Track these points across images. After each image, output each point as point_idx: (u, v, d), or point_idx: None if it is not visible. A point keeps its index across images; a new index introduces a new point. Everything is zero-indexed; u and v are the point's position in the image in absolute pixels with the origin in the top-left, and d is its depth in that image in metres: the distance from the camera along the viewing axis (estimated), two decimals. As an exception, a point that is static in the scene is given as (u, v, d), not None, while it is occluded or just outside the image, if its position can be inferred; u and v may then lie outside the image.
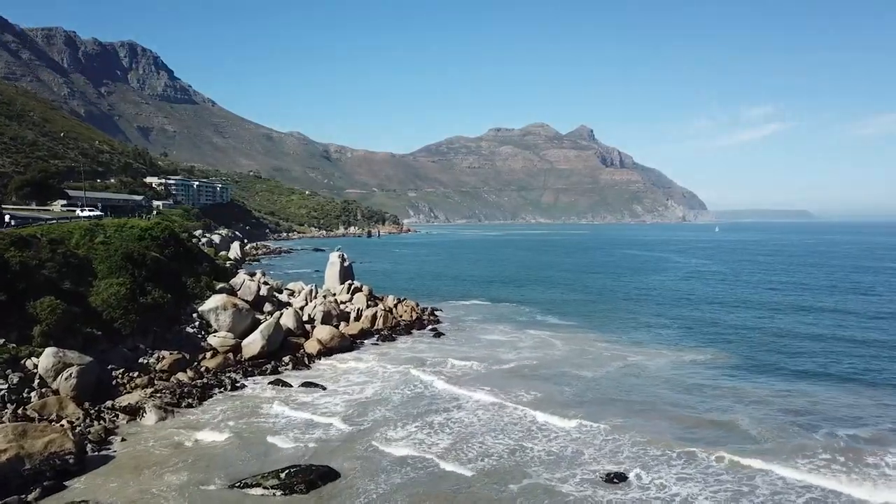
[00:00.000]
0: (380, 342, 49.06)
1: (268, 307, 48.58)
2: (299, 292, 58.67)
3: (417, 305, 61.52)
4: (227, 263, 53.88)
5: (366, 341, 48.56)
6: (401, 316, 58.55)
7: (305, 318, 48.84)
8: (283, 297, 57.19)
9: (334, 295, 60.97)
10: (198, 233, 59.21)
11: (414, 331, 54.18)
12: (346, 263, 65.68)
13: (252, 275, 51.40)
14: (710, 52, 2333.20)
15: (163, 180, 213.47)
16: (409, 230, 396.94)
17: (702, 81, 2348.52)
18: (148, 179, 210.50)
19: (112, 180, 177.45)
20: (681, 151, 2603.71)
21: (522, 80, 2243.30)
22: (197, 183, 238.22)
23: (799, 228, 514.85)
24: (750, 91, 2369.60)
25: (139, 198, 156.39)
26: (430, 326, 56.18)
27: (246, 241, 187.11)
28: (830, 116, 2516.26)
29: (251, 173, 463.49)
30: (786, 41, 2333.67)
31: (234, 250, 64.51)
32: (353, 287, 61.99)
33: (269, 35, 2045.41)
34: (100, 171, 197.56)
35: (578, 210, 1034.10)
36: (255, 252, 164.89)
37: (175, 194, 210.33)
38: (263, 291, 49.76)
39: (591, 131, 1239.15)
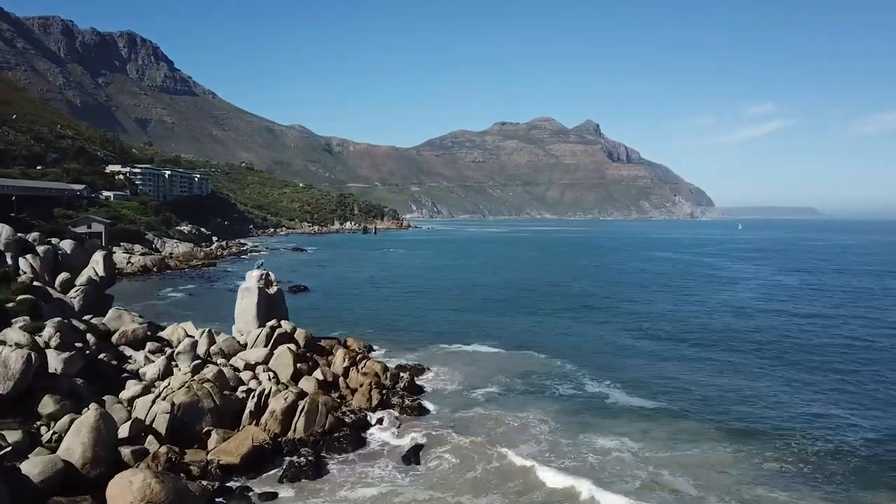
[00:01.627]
0: (285, 481, 23.13)
1: (49, 406, 22.78)
2: (177, 346, 32.91)
3: (385, 371, 35.44)
4: (15, 301, 27.85)
5: (253, 489, 22.43)
6: (352, 392, 32.73)
7: (125, 431, 22.88)
8: (139, 358, 31.53)
9: (241, 349, 35.28)
10: None
11: (371, 433, 28.37)
12: (271, 289, 39.85)
13: (34, 330, 25.15)
14: (710, 50, 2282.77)
15: (127, 169, 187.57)
16: (409, 226, 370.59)
17: (703, 78, 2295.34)
18: (110, 168, 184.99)
19: (57, 168, 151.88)
20: (684, 148, 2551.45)
21: (527, 73, 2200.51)
22: (168, 172, 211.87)
23: (824, 226, 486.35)
24: (750, 89, 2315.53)
25: (79, 187, 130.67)
26: (402, 418, 30.30)
27: (216, 238, 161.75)
28: (832, 114, 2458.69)
29: (243, 164, 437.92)
30: (783, 40, 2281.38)
31: (94, 266, 38.20)
32: (276, 333, 36.17)
33: (272, 27, 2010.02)
34: (54, 158, 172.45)
35: (584, 206, 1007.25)
36: (220, 252, 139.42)
37: (140, 185, 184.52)
38: (55, 365, 23.94)
39: (598, 126, 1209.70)
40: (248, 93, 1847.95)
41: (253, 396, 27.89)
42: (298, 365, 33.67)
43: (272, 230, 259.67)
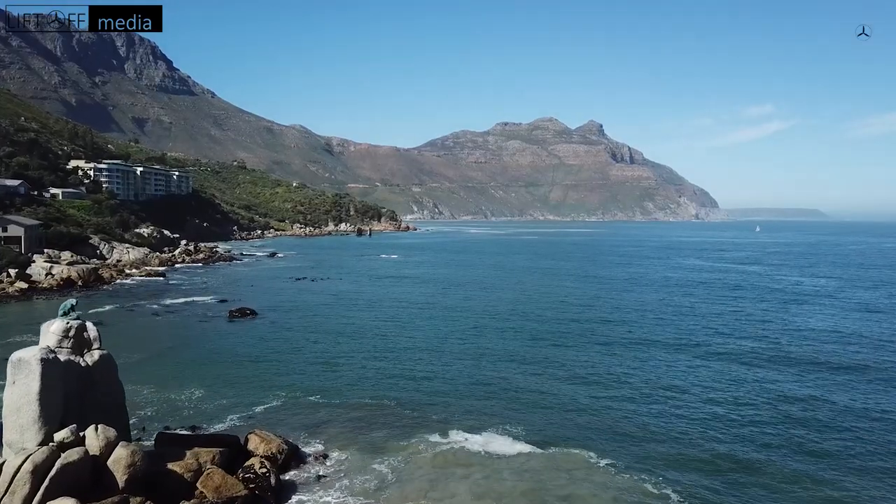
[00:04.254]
0: None
1: None
2: None
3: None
4: None
5: None
6: None
7: None
8: None
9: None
10: None
11: None
12: (87, 358, 20.34)
13: None
14: (709, 50, 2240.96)
15: (91, 165, 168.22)
16: (408, 227, 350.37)
17: (702, 79, 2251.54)
18: (73, 164, 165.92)
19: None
20: (686, 149, 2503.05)
21: (530, 73, 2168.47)
22: (140, 169, 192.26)
23: (843, 229, 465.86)
24: (749, 90, 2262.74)
25: (13, 183, 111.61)
26: None
27: (184, 242, 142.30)
28: (832, 114, 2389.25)
29: (235, 163, 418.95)
30: (777, 40, 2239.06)
31: None
32: (59, 467, 16.78)
33: (272, 26, 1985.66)
34: (8, 151, 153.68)
35: (588, 207, 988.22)
36: (183, 258, 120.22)
37: (106, 182, 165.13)
38: None
39: (601, 126, 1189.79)
40: (247, 92, 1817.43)
41: None
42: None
43: (259, 232, 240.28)
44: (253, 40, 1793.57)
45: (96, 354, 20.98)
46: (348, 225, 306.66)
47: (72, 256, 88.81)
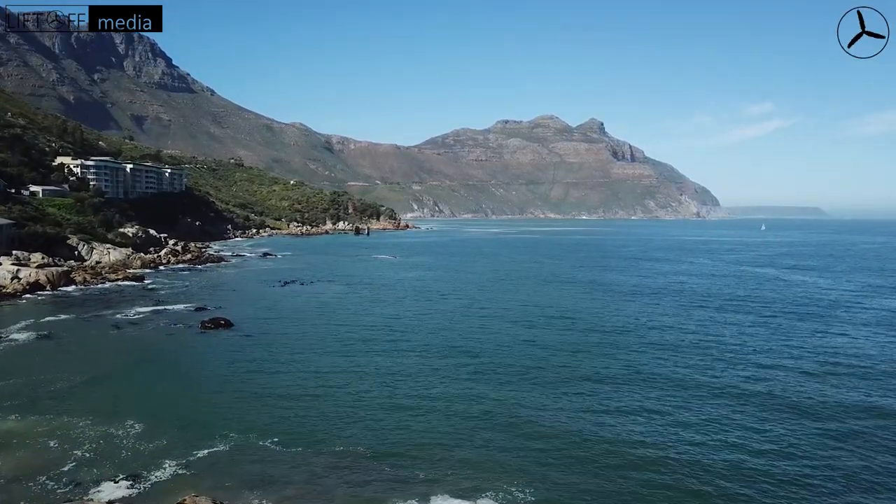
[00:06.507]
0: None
1: None
2: None
3: None
4: None
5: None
6: None
7: None
8: None
9: None
10: None
11: None
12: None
13: None
14: (709, 49, 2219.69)
15: (78, 162, 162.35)
16: (407, 226, 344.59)
17: (703, 77, 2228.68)
18: (59, 160, 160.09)
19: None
20: (686, 147, 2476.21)
21: (531, 71, 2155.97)
22: (130, 166, 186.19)
23: (847, 227, 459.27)
24: (750, 88, 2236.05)
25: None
26: None
27: (172, 241, 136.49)
28: (833, 113, 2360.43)
29: (232, 161, 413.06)
30: (780, 38, 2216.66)
31: None
32: None
33: (272, 24, 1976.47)
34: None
35: (589, 205, 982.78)
36: (169, 259, 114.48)
37: (93, 180, 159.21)
38: None
39: (602, 124, 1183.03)
40: (246, 90, 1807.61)
41: None
42: None
43: (254, 231, 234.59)
44: (252, 38, 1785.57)
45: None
46: (346, 223, 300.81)
47: (42, 258, 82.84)
